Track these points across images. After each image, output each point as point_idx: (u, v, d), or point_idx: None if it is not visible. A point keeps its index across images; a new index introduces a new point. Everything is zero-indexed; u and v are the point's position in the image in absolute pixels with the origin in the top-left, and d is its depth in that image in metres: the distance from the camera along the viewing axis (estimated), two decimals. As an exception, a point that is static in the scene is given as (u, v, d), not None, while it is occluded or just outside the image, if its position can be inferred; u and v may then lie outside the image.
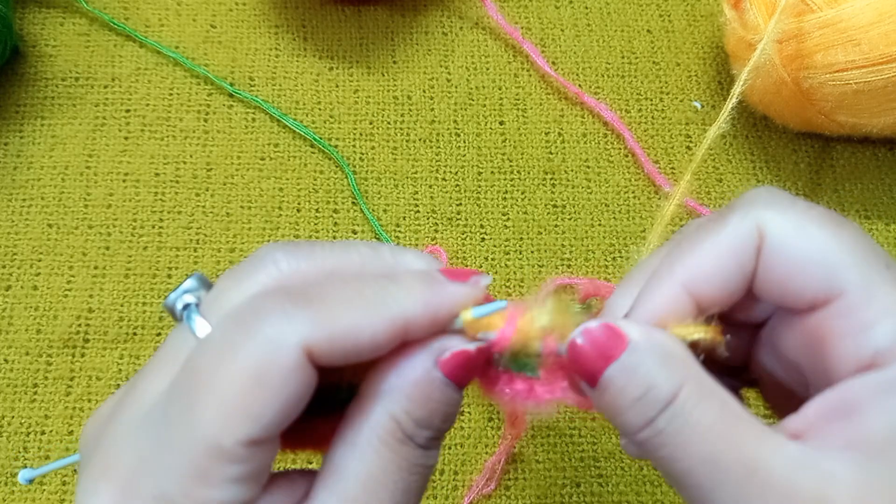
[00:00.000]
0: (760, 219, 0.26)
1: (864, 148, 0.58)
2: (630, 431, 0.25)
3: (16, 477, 0.46)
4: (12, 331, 0.50)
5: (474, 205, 0.55)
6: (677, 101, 0.60)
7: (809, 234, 0.25)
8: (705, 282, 0.26)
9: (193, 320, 0.25)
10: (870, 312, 0.24)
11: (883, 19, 0.48)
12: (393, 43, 0.61)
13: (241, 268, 0.26)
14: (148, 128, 0.57)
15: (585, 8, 0.63)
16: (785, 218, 0.26)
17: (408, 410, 0.25)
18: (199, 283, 0.26)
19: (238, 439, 0.22)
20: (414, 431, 0.25)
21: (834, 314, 0.25)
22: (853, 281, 0.25)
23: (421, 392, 0.25)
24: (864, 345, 0.24)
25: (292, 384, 0.23)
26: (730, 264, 0.26)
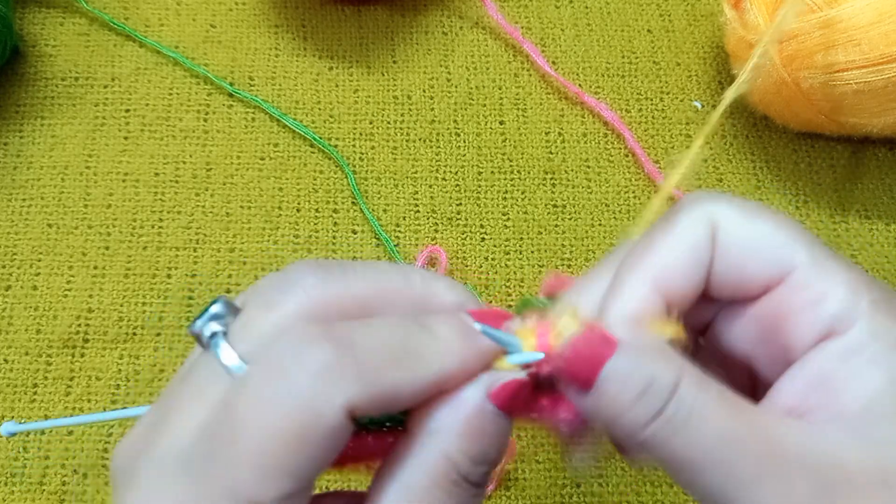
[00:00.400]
0: (710, 211, 0.27)
1: (864, 148, 0.58)
2: (636, 429, 0.25)
3: (16, 477, 0.46)
4: (12, 331, 0.50)
5: (474, 205, 0.55)
6: (677, 101, 0.60)
7: (757, 220, 0.26)
8: (671, 276, 0.26)
9: (220, 350, 0.24)
10: (821, 284, 0.25)
11: (883, 19, 0.48)
12: (393, 43, 0.61)
13: (269, 290, 0.26)
14: (148, 128, 0.57)
15: (585, 8, 0.63)
16: (732, 208, 0.27)
17: (463, 449, 0.24)
18: (226, 309, 0.25)
19: (274, 497, 0.22)
20: (469, 469, 0.24)
21: (787, 291, 0.26)
22: (802, 257, 0.26)
23: (475, 427, 0.25)
24: (821, 315, 0.25)
25: (333, 441, 0.23)
26: (691, 256, 0.26)
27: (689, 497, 0.48)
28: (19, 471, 0.47)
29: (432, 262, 0.53)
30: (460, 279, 0.53)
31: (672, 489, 0.48)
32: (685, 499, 0.48)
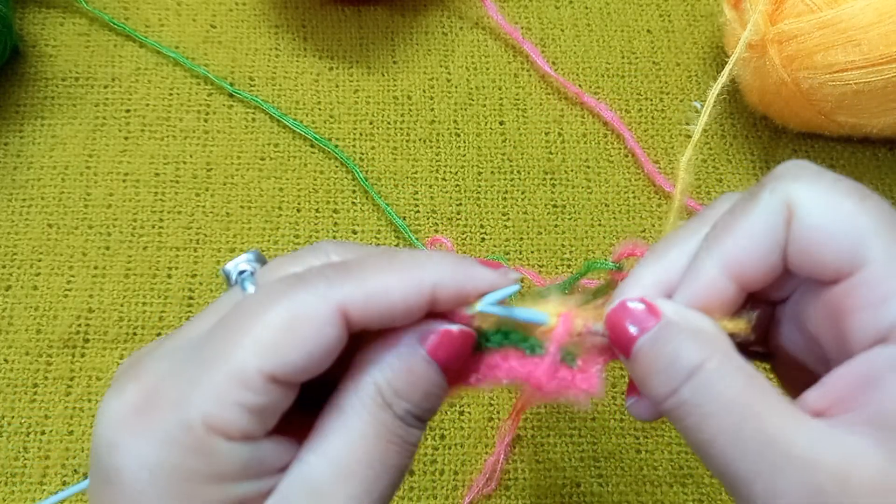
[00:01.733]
0: (789, 192, 0.26)
1: (865, 148, 0.58)
2: (656, 400, 0.26)
3: (16, 477, 0.46)
4: (12, 331, 0.50)
5: (474, 205, 0.55)
6: (677, 101, 0.60)
7: (836, 205, 0.26)
8: (745, 263, 0.27)
9: (246, 284, 0.27)
10: (890, 285, 0.25)
11: (883, 19, 0.48)
12: (393, 43, 0.61)
13: (294, 253, 0.29)
14: (148, 128, 0.57)
15: (585, 8, 0.63)
16: (812, 190, 0.26)
17: (389, 379, 0.26)
18: (256, 258, 0.29)
19: (260, 370, 0.24)
20: (393, 399, 0.26)
21: (856, 285, 0.25)
22: (876, 253, 0.25)
23: (403, 364, 0.27)
24: (883, 317, 0.25)
25: (322, 336, 0.25)
26: (765, 243, 0.27)
27: (689, 497, 0.49)
28: (19, 471, 0.47)
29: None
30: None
31: (672, 489, 0.48)
32: (685, 499, 0.48)
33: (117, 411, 0.25)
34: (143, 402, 0.25)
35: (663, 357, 0.26)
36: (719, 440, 0.25)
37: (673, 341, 0.26)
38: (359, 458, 0.26)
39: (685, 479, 0.48)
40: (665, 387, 0.26)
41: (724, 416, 0.25)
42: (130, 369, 0.27)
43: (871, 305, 0.25)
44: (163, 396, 0.25)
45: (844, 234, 0.26)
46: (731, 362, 0.26)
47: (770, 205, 0.27)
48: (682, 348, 0.26)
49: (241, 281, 0.27)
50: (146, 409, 0.25)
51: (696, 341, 0.26)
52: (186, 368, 0.25)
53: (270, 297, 0.25)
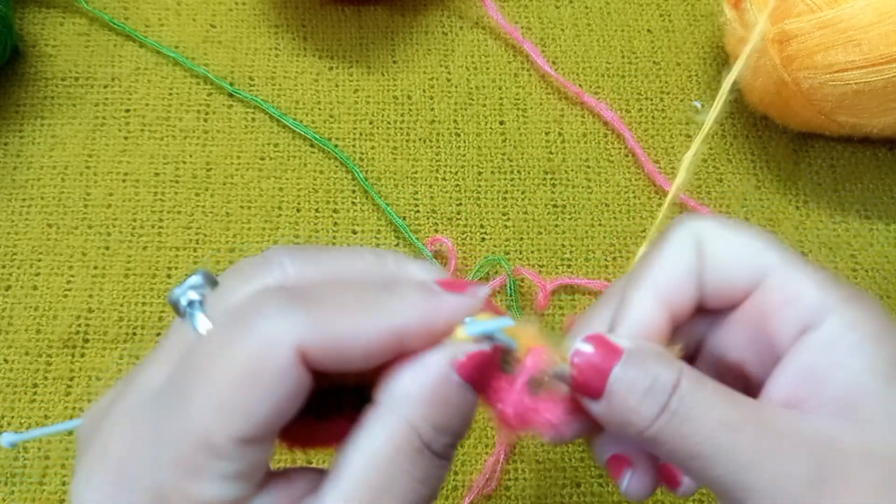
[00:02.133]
0: (696, 228, 0.30)
1: (865, 148, 0.58)
2: (645, 424, 0.26)
3: (16, 477, 0.46)
4: (12, 331, 0.50)
5: (474, 205, 0.55)
6: (677, 101, 0.60)
7: (735, 232, 0.29)
8: (670, 287, 0.29)
9: (196, 317, 0.25)
10: (794, 282, 0.28)
11: (883, 19, 0.48)
12: (393, 43, 0.61)
13: (246, 267, 0.26)
14: (148, 128, 0.57)
15: (585, 8, 0.63)
16: (713, 224, 0.30)
17: (426, 416, 0.24)
18: (205, 280, 0.26)
19: (229, 436, 0.23)
20: (432, 438, 0.25)
21: (766, 292, 0.28)
22: (775, 261, 0.28)
23: (439, 396, 0.25)
24: (797, 310, 0.28)
25: (285, 384, 0.23)
26: (683, 269, 0.29)
27: (690, 498, 0.49)
28: (19, 471, 0.47)
29: (438, 254, 0.53)
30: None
31: (672, 489, 0.48)
32: (685, 499, 0.48)
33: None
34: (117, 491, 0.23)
35: (642, 382, 0.26)
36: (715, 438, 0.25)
37: (645, 365, 0.27)
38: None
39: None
40: (653, 407, 0.26)
41: (714, 413, 0.26)
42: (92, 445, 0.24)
43: (785, 303, 0.28)
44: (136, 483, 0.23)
45: (746, 251, 0.29)
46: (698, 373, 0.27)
47: (681, 238, 0.29)
48: (657, 369, 0.27)
49: (191, 315, 0.25)
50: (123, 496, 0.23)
51: (665, 361, 0.27)
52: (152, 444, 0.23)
53: (223, 342, 0.23)
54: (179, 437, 0.23)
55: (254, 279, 0.26)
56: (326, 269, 0.26)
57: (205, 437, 0.23)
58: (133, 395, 0.25)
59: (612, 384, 0.27)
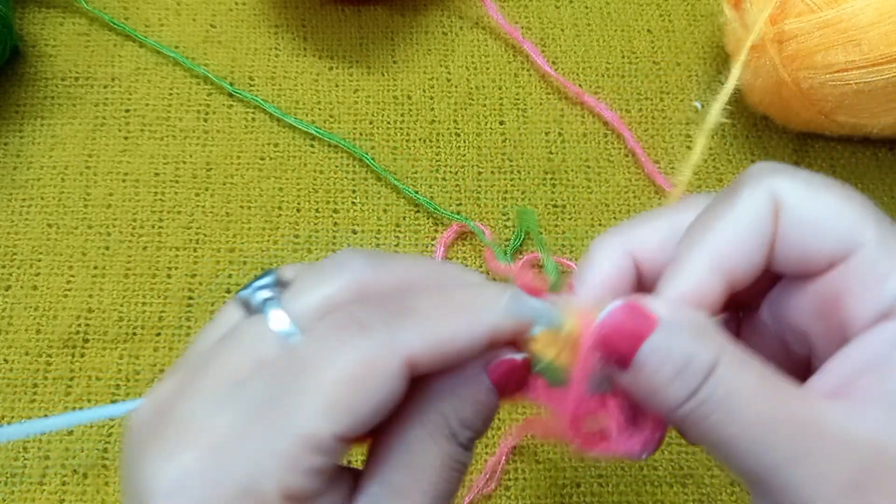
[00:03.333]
0: (773, 186, 0.26)
1: (865, 148, 0.58)
2: (671, 406, 0.25)
3: (16, 477, 0.46)
4: (12, 331, 0.50)
5: (474, 205, 0.55)
6: (677, 101, 0.60)
7: (823, 195, 0.26)
8: (732, 257, 0.26)
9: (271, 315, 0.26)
10: (885, 264, 0.25)
11: (883, 19, 0.48)
12: (393, 43, 0.61)
13: (320, 269, 0.27)
14: (148, 128, 0.57)
15: (585, 8, 0.63)
16: (795, 183, 0.26)
17: (456, 409, 0.26)
18: (275, 282, 0.27)
19: (335, 433, 0.24)
20: (458, 430, 0.26)
21: (850, 269, 0.25)
22: (869, 235, 0.25)
23: (470, 394, 0.26)
24: (882, 295, 0.25)
25: (391, 389, 0.24)
26: (753, 236, 0.26)
27: (689, 498, 0.49)
28: (19, 471, 0.47)
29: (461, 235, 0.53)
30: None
31: (672, 489, 0.48)
32: (685, 499, 0.48)
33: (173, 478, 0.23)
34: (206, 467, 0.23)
35: (674, 360, 0.25)
36: (748, 432, 0.24)
37: (680, 342, 0.25)
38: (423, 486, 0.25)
39: (685, 479, 0.48)
40: (682, 390, 0.24)
41: (751, 407, 0.24)
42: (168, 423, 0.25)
43: (868, 287, 0.25)
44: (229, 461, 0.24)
45: (836, 221, 0.26)
46: (741, 356, 0.25)
47: (755, 198, 0.26)
48: (694, 348, 0.25)
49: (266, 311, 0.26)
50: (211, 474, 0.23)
51: (704, 339, 0.25)
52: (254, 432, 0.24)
53: (333, 347, 0.24)
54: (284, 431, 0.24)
55: (327, 280, 0.26)
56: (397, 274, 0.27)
57: (311, 434, 0.23)
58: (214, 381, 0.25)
59: (640, 357, 0.25)
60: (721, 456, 0.25)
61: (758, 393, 0.24)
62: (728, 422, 0.24)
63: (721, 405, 0.24)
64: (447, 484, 0.26)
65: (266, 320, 0.26)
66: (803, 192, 0.26)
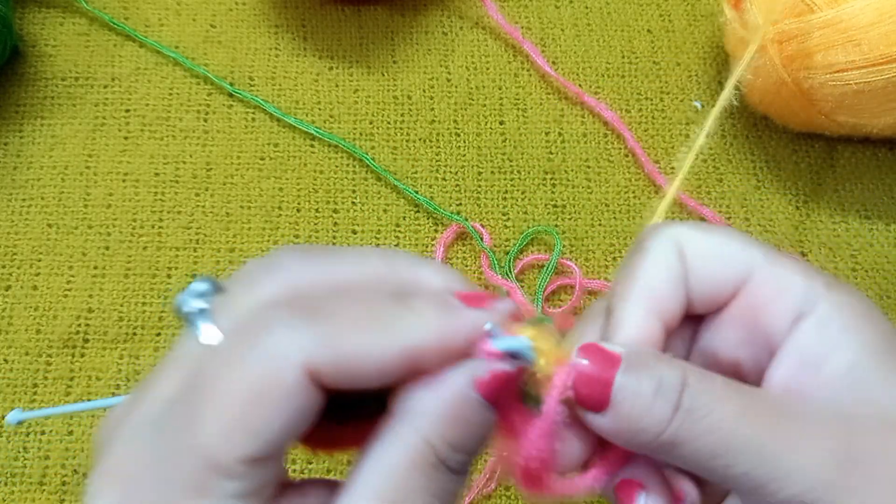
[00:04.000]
0: (673, 234, 0.29)
1: (865, 148, 0.58)
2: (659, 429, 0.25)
3: (16, 477, 0.46)
4: (12, 331, 0.50)
5: (474, 205, 0.55)
6: (677, 101, 0.60)
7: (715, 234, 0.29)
8: (658, 295, 0.28)
9: (199, 327, 0.25)
10: (781, 275, 0.28)
11: (883, 19, 0.48)
12: (393, 43, 0.61)
13: (253, 272, 0.26)
14: (148, 128, 0.57)
15: (585, 8, 0.63)
16: (692, 229, 0.29)
17: (443, 434, 0.24)
18: (210, 287, 0.26)
19: (236, 456, 0.22)
20: (448, 455, 0.24)
21: (755, 288, 0.28)
22: (759, 258, 0.29)
23: (457, 413, 0.24)
24: (789, 299, 0.28)
25: (294, 403, 0.23)
26: (670, 276, 0.29)
27: (689, 497, 0.48)
28: (19, 471, 0.47)
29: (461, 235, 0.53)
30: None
31: (672, 489, 0.48)
32: (685, 499, 0.48)
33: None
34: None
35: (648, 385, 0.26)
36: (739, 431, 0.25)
37: (648, 368, 0.26)
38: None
39: (685, 479, 0.48)
40: (666, 409, 0.25)
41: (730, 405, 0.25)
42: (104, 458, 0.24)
43: (775, 296, 0.28)
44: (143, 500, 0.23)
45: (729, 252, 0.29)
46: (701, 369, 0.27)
47: (662, 245, 0.29)
48: (661, 369, 0.26)
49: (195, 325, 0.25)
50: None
51: (665, 360, 0.27)
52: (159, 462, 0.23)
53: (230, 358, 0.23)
54: (186, 457, 0.23)
55: (259, 285, 0.25)
56: (335, 274, 0.26)
57: (212, 457, 0.22)
58: (143, 407, 0.24)
59: (616, 392, 0.26)
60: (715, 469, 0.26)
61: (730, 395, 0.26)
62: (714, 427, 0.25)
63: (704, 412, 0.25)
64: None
65: (196, 333, 0.24)
66: (699, 234, 0.29)
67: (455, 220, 0.54)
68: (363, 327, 0.24)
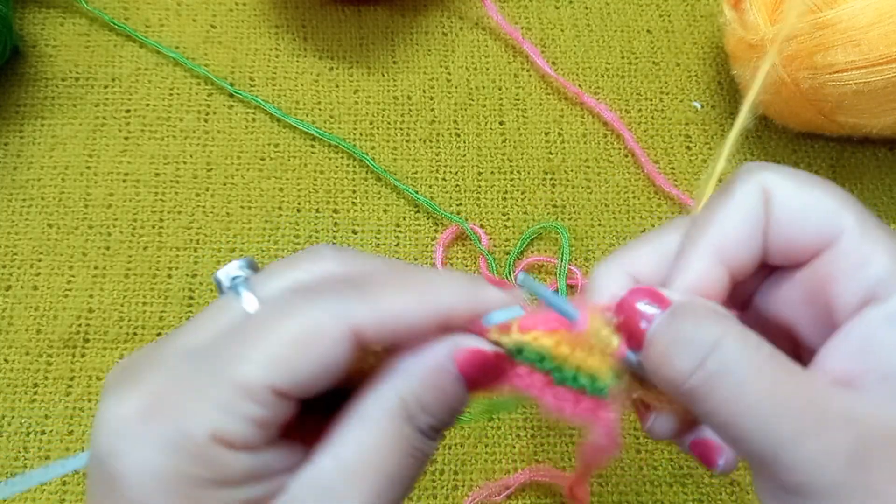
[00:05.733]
0: (763, 180, 0.28)
1: (865, 148, 0.58)
2: (680, 380, 0.26)
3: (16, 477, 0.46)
4: (12, 331, 0.50)
5: (474, 205, 0.55)
6: (677, 101, 0.60)
7: (808, 188, 0.28)
8: (732, 247, 0.28)
9: (242, 293, 0.26)
10: (866, 249, 0.26)
11: (883, 20, 0.48)
12: (393, 43, 0.61)
13: (290, 257, 0.28)
14: (148, 128, 0.57)
15: (585, 8, 0.63)
16: (785, 176, 0.28)
17: (416, 393, 0.26)
18: (248, 264, 0.28)
19: (267, 383, 0.24)
20: (417, 414, 0.26)
21: (834, 256, 0.27)
22: (849, 223, 0.27)
23: (432, 379, 0.26)
24: (864, 279, 0.26)
25: (333, 355, 0.24)
26: (749, 226, 0.28)
27: (689, 497, 0.49)
28: (19, 471, 0.47)
29: (461, 236, 0.53)
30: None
31: (671, 489, 0.48)
32: (685, 499, 0.48)
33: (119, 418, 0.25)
34: (146, 410, 0.25)
35: (682, 336, 0.26)
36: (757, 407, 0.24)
37: (689, 320, 0.26)
38: (375, 465, 0.25)
39: (685, 479, 0.48)
40: (689, 363, 0.25)
41: (759, 381, 0.25)
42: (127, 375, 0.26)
43: (851, 271, 0.26)
44: (166, 405, 0.25)
45: (819, 210, 0.27)
46: (749, 334, 0.26)
47: (747, 191, 0.28)
48: (701, 325, 0.26)
49: (235, 286, 0.27)
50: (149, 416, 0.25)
51: (711, 318, 0.26)
52: (191, 377, 0.25)
53: (283, 311, 0.25)
54: (220, 378, 0.24)
55: (297, 266, 0.27)
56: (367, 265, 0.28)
57: (246, 381, 0.24)
58: (176, 344, 0.26)
59: (652, 333, 0.26)
60: (729, 435, 0.26)
61: (763, 369, 0.25)
62: (735, 397, 0.25)
63: (727, 379, 0.25)
64: (402, 469, 0.26)
65: (236, 298, 0.26)
66: (790, 185, 0.28)
67: (454, 222, 0.54)
68: (402, 290, 0.26)
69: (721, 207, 0.28)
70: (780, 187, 0.28)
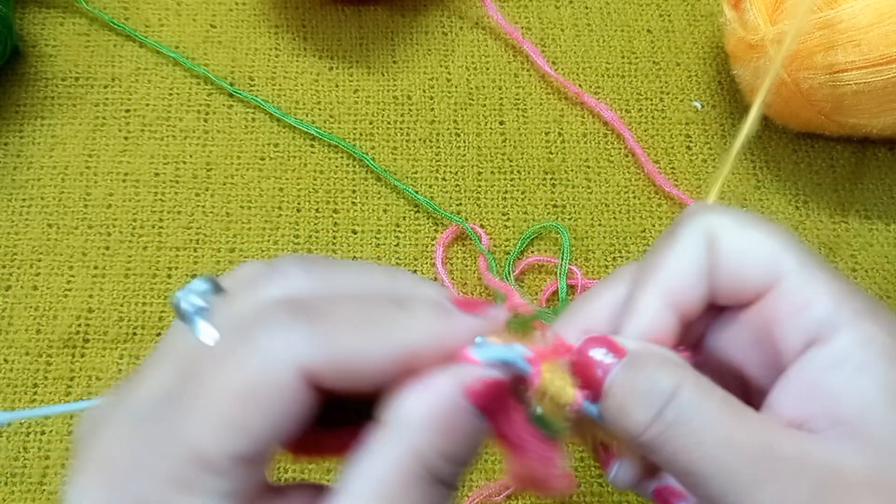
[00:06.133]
0: (708, 222, 0.28)
1: (865, 148, 0.58)
2: (638, 430, 0.25)
3: (16, 477, 0.46)
4: (12, 331, 0.50)
5: (474, 205, 0.55)
6: (677, 101, 0.60)
7: (751, 229, 0.28)
8: (679, 290, 0.28)
9: (198, 325, 0.24)
10: (807, 290, 0.27)
11: (883, 20, 0.48)
12: (393, 43, 0.61)
13: (252, 274, 0.26)
14: (148, 128, 0.57)
15: (585, 8, 0.63)
16: (729, 218, 0.28)
17: (433, 444, 0.23)
18: (210, 286, 0.25)
19: (224, 452, 0.22)
20: (441, 467, 0.23)
21: (777, 297, 0.27)
22: (791, 264, 0.27)
23: (448, 423, 0.23)
24: (806, 320, 0.26)
25: (286, 403, 0.22)
26: (695, 268, 0.28)
27: (689, 497, 0.48)
28: (19, 471, 0.47)
29: (461, 236, 0.53)
30: (461, 279, 0.53)
31: (672, 489, 0.48)
32: None
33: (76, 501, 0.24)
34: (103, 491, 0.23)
35: (640, 385, 0.26)
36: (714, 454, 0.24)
37: (645, 369, 0.26)
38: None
39: (685, 479, 0.48)
40: (647, 413, 0.25)
41: (715, 429, 0.25)
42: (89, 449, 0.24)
43: (794, 313, 0.27)
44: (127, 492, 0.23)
45: (762, 252, 0.27)
46: (704, 383, 0.26)
47: (693, 234, 0.28)
48: (657, 374, 0.26)
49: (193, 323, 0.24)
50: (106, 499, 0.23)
51: (667, 366, 0.26)
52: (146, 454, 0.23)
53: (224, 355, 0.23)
54: (173, 450, 0.22)
55: (260, 288, 0.25)
56: (336, 282, 0.25)
57: (199, 452, 0.22)
58: (133, 400, 0.24)
59: (609, 385, 0.26)
60: (688, 482, 0.25)
61: (720, 417, 0.25)
62: (692, 445, 0.25)
63: (684, 428, 0.25)
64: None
65: (195, 331, 0.24)
66: (734, 227, 0.28)
67: (454, 221, 0.54)
68: (360, 328, 0.23)
69: (667, 251, 0.28)
70: (724, 229, 0.28)
